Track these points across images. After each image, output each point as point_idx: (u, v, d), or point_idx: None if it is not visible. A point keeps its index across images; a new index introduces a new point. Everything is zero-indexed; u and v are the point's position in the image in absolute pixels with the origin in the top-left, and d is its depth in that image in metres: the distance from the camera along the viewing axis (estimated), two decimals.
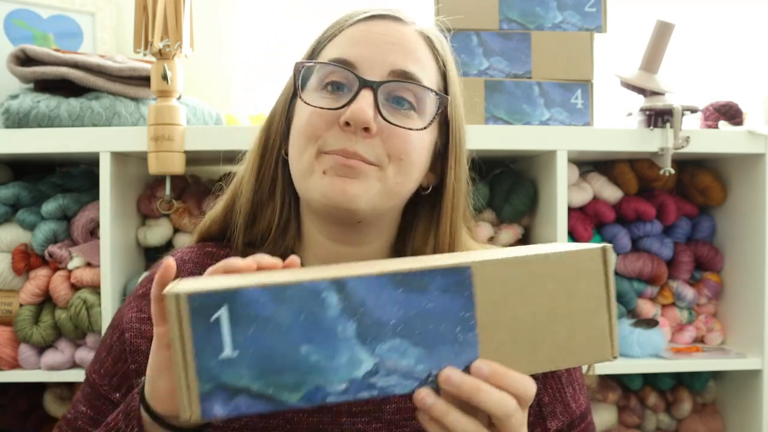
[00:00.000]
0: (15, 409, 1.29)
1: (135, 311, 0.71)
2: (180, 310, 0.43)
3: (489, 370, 0.47)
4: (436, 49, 0.69)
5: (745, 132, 1.24)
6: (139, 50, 1.12)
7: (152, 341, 0.54)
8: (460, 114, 0.70)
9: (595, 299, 0.51)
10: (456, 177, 0.69)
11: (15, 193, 1.21)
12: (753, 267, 1.28)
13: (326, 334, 0.45)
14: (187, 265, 0.72)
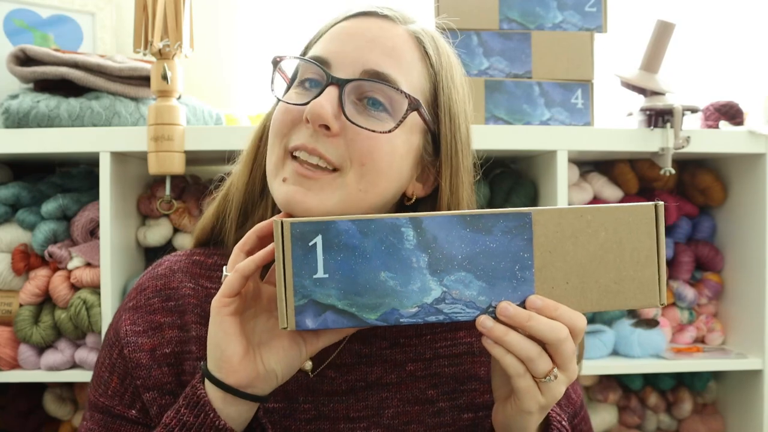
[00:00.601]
0: (15, 410, 1.28)
1: (129, 324, 0.68)
2: (284, 235, 0.51)
3: (542, 303, 0.53)
4: (427, 53, 0.64)
5: (746, 132, 1.24)
6: (139, 50, 1.12)
7: (212, 315, 0.56)
8: (456, 121, 0.66)
9: (645, 251, 0.56)
10: (452, 188, 0.65)
11: (15, 193, 1.21)
12: (753, 267, 1.28)
13: (402, 264, 0.52)
14: (176, 274, 0.71)
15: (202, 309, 0.68)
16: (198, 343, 0.66)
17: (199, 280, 0.70)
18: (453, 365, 0.67)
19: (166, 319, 0.68)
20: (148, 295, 0.70)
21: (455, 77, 0.67)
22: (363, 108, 0.61)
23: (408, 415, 0.65)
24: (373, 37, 0.62)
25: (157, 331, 0.67)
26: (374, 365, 0.66)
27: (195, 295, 0.69)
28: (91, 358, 1.17)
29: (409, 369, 0.66)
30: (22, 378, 1.18)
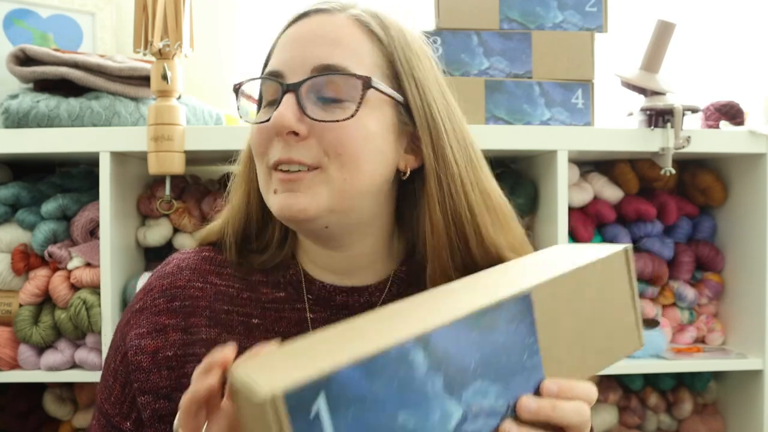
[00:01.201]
0: (15, 410, 1.28)
1: (135, 327, 0.68)
2: (278, 414, 0.37)
3: (557, 388, 0.51)
4: (373, 31, 0.64)
5: (746, 132, 1.24)
6: (139, 50, 1.12)
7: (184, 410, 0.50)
8: (423, 86, 0.64)
9: (624, 297, 0.54)
10: (439, 157, 0.63)
11: (15, 193, 1.21)
12: (754, 267, 1.27)
13: (418, 395, 0.44)
14: (184, 272, 0.70)
15: (212, 310, 0.68)
16: (205, 345, 0.66)
17: (208, 278, 0.70)
18: None
19: (170, 321, 0.67)
20: (154, 295, 0.69)
21: (412, 46, 0.66)
22: (323, 103, 0.61)
23: None
24: (315, 35, 0.62)
25: (161, 333, 0.67)
26: None
27: (203, 295, 0.68)
28: (91, 358, 1.17)
29: None
30: (21, 378, 1.18)
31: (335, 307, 0.67)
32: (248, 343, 0.66)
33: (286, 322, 0.67)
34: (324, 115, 0.60)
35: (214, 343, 0.66)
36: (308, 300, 0.68)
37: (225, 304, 0.68)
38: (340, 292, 0.67)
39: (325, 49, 0.61)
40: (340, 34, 0.62)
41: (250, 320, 0.67)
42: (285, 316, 0.68)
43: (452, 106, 0.67)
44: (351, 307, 0.67)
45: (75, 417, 1.29)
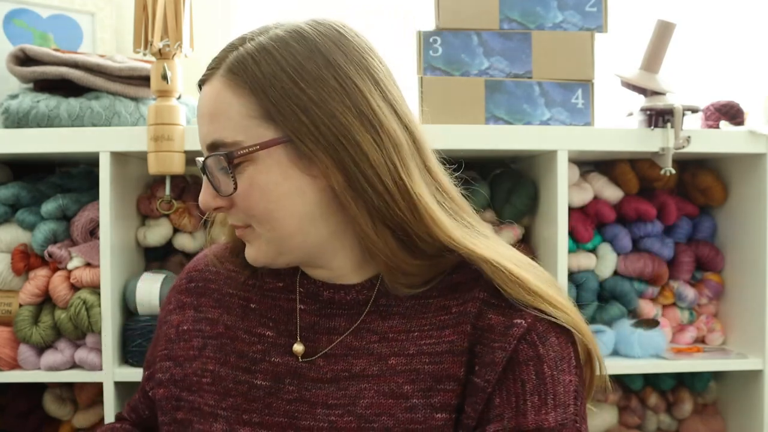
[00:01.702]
0: (15, 410, 1.28)
1: (167, 304, 0.80)
2: None
3: None
4: (241, 82, 0.62)
5: (746, 132, 1.24)
6: (139, 50, 1.12)
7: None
8: (313, 112, 0.61)
9: None
10: (349, 173, 0.61)
11: (15, 193, 1.21)
12: (754, 267, 1.27)
13: None
14: (207, 257, 0.79)
15: (219, 292, 0.75)
16: (209, 323, 0.74)
17: (225, 264, 0.77)
18: (433, 363, 0.65)
19: (187, 299, 0.77)
20: (182, 276, 0.80)
21: (295, 72, 0.61)
22: (226, 174, 0.64)
23: (381, 407, 0.65)
24: (202, 112, 0.65)
25: (181, 309, 0.77)
26: (361, 357, 0.68)
27: (216, 278, 0.76)
28: (91, 358, 1.17)
29: (391, 363, 0.67)
30: (21, 378, 1.18)
31: (323, 302, 0.70)
32: (243, 324, 0.72)
33: (278, 309, 0.72)
34: (229, 187, 0.64)
35: (216, 322, 0.73)
36: (300, 292, 0.72)
37: (231, 287, 0.75)
38: (327, 288, 0.70)
39: (208, 126, 0.64)
40: (214, 105, 0.64)
41: (248, 304, 0.73)
42: (279, 304, 0.72)
43: (367, 114, 0.62)
44: (338, 303, 0.70)
45: (75, 417, 1.29)
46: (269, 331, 0.71)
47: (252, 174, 0.62)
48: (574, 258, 1.28)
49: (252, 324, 0.72)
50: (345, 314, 0.70)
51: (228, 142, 0.62)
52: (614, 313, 1.31)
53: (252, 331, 0.72)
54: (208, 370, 0.71)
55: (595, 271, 1.31)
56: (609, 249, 1.32)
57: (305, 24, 0.67)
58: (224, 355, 0.71)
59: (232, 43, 0.66)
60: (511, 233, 1.28)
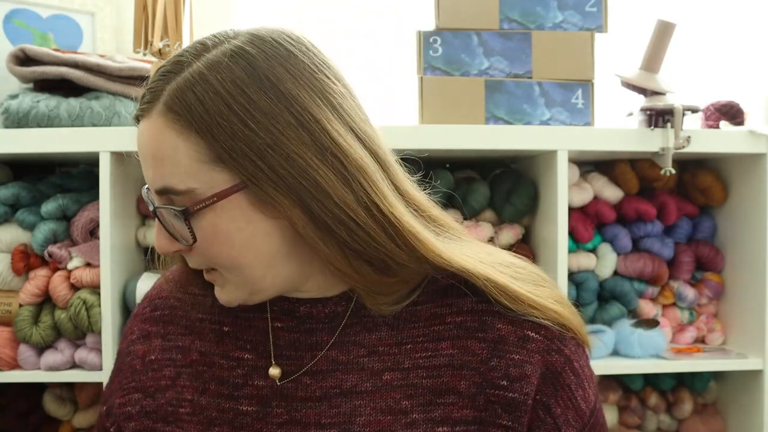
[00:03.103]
0: (15, 410, 1.28)
1: (129, 335, 0.76)
2: None
3: None
4: (184, 121, 0.56)
5: (746, 132, 1.24)
6: (139, 50, 1.12)
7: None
8: (256, 156, 0.56)
9: None
10: (305, 220, 0.57)
11: (15, 193, 1.21)
12: (754, 267, 1.27)
13: None
14: (168, 284, 0.74)
15: (187, 318, 0.72)
16: (181, 351, 0.70)
17: (188, 288, 0.72)
18: (431, 377, 0.64)
19: (153, 328, 0.73)
20: (144, 304, 0.76)
21: (238, 112, 0.55)
22: (181, 221, 0.59)
23: (379, 424, 0.63)
24: (143, 153, 0.59)
25: (146, 338, 0.73)
26: (350, 373, 0.65)
27: (181, 305, 0.72)
28: (91, 358, 1.17)
29: (386, 378, 0.64)
30: (21, 378, 1.18)
31: (300, 318, 0.67)
32: (217, 349, 0.69)
33: (254, 330, 0.69)
34: (188, 237, 0.59)
35: (188, 349, 0.70)
36: (273, 311, 0.68)
37: (199, 312, 0.71)
38: (303, 303, 0.67)
39: (154, 171, 0.58)
40: (157, 148, 0.57)
41: (221, 328, 0.70)
42: (254, 325, 0.69)
43: (329, 146, 0.57)
44: (316, 318, 0.67)
45: (75, 417, 1.29)
46: (247, 353, 0.67)
47: (212, 221, 0.58)
48: (574, 258, 1.28)
49: (228, 348, 0.68)
50: (325, 328, 0.66)
51: (180, 189, 0.57)
52: (614, 313, 1.31)
53: (229, 355, 0.68)
54: (186, 400, 0.67)
55: (595, 271, 1.31)
56: (609, 249, 1.32)
57: (248, 42, 0.58)
58: (202, 383, 0.68)
59: (167, 69, 0.58)
60: (511, 233, 1.28)
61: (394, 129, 1.14)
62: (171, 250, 0.62)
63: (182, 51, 0.59)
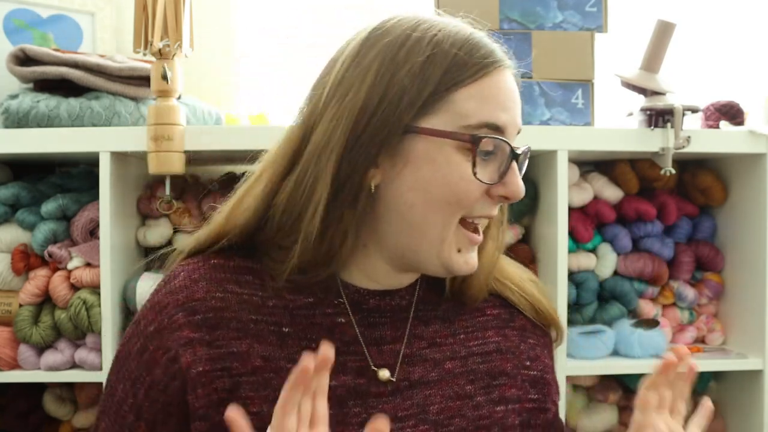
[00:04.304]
0: (15, 410, 1.28)
1: (162, 353, 0.66)
2: None
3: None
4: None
5: (746, 132, 1.24)
6: (139, 50, 1.12)
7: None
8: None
9: None
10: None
11: (15, 193, 1.21)
12: (754, 267, 1.27)
13: None
14: (199, 283, 0.66)
15: (239, 320, 0.65)
16: (238, 358, 0.63)
17: (226, 286, 0.66)
18: (486, 362, 0.72)
19: (194, 334, 0.64)
20: (170, 312, 0.65)
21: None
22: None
23: (450, 410, 0.68)
24: (516, 97, 0.65)
25: (188, 347, 0.63)
26: (415, 365, 0.68)
27: (227, 305, 0.65)
28: (91, 358, 1.17)
29: (447, 367, 0.69)
30: (21, 378, 1.18)
31: (366, 311, 0.68)
32: (282, 352, 0.64)
33: (317, 328, 0.66)
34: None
35: (248, 355, 0.63)
36: (338, 304, 0.67)
37: (251, 313, 0.65)
38: (373, 296, 0.68)
39: (519, 113, 0.66)
40: (518, 98, 0.66)
41: (280, 329, 0.65)
42: (316, 321, 0.66)
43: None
44: (382, 311, 0.69)
45: (75, 417, 1.29)
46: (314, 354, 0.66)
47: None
48: (574, 258, 1.28)
49: (293, 350, 0.64)
50: (387, 322, 0.69)
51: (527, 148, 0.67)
52: (614, 313, 1.31)
53: (295, 358, 0.61)
54: (252, 413, 0.60)
55: (595, 271, 1.31)
56: (609, 249, 1.32)
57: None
58: (271, 391, 0.62)
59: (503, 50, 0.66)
60: (511, 233, 1.28)
61: None
62: (522, 197, 0.65)
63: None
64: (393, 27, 0.65)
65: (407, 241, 0.64)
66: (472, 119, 0.62)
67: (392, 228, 0.64)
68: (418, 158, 0.62)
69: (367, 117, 0.61)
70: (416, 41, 0.62)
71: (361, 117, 0.61)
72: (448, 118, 0.62)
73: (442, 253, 0.64)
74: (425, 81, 0.61)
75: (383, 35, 0.64)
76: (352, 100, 0.62)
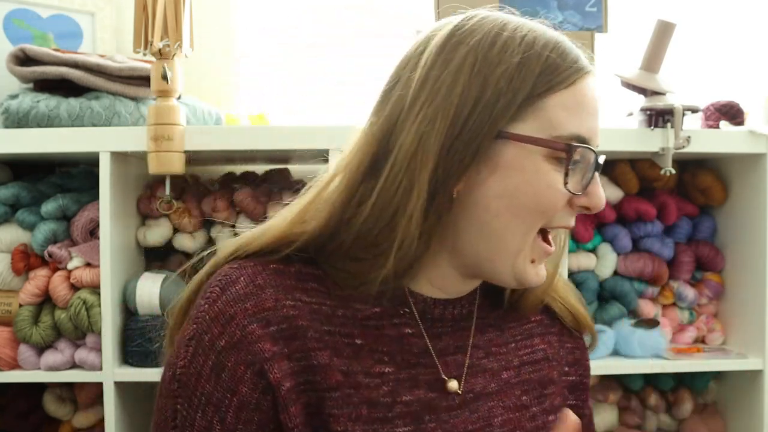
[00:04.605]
0: (15, 410, 1.28)
1: (244, 367, 0.58)
2: None
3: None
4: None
5: (746, 132, 1.24)
6: (139, 50, 1.12)
7: None
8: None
9: None
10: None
11: (15, 193, 1.21)
12: (754, 267, 1.27)
13: None
14: (266, 290, 0.59)
15: (314, 330, 0.59)
16: (321, 371, 0.58)
17: (294, 294, 0.60)
18: (536, 371, 0.70)
19: (275, 347, 0.57)
20: (242, 323, 0.57)
21: None
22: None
23: (512, 423, 0.66)
24: (597, 106, 0.64)
25: (273, 362, 0.57)
26: (476, 375, 0.66)
27: (299, 314, 0.59)
28: (91, 358, 1.17)
29: (504, 377, 0.68)
30: (21, 378, 1.18)
31: (431, 320, 0.65)
32: (357, 366, 0.60)
33: (387, 339, 0.62)
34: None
35: (329, 369, 0.59)
36: (404, 314, 0.64)
37: (324, 324, 0.60)
38: (438, 305, 0.65)
39: (597, 122, 0.65)
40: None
41: (353, 340, 0.61)
42: (385, 332, 0.63)
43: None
44: (445, 320, 0.66)
45: (75, 417, 1.29)
46: (387, 367, 0.61)
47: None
48: (574, 258, 1.28)
49: (367, 363, 0.60)
50: (449, 332, 0.66)
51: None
52: (614, 313, 1.31)
53: (371, 371, 0.60)
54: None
55: (595, 271, 1.31)
56: (609, 249, 1.32)
57: None
58: (353, 408, 0.58)
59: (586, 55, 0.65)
60: None
61: None
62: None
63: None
64: (479, 25, 0.61)
65: (484, 250, 0.61)
66: (563, 129, 0.60)
67: (470, 236, 0.61)
68: (507, 165, 0.59)
69: (462, 120, 0.57)
70: (508, 41, 0.59)
71: (456, 120, 0.57)
72: (538, 125, 0.59)
73: (517, 263, 0.61)
74: (520, 84, 0.58)
75: (470, 33, 0.60)
76: (445, 101, 0.57)
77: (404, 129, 0.59)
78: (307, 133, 1.15)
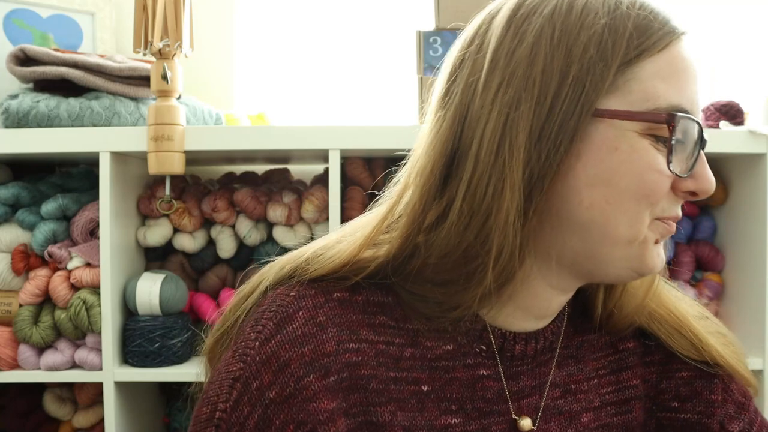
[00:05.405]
0: (15, 410, 1.28)
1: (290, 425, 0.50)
2: None
3: None
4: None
5: (746, 132, 1.23)
6: (139, 50, 1.12)
7: None
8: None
9: None
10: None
11: (15, 193, 1.21)
12: (754, 267, 1.27)
13: None
14: (328, 330, 0.51)
15: (378, 380, 0.52)
16: (381, 430, 0.51)
17: (360, 333, 0.52)
18: (621, 413, 0.60)
19: (332, 404, 0.50)
20: (297, 373, 0.49)
21: None
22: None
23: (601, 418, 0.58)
24: (696, 73, 0.52)
25: (329, 424, 0.49)
26: (551, 420, 0.57)
27: (363, 360, 0.52)
28: (91, 358, 1.17)
29: (584, 421, 0.58)
30: (21, 378, 1.18)
31: (510, 359, 0.56)
32: (422, 419, 0.52)
33: (458, 383, 0.54)
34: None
35: (390, 426, 0.51)
36: (479, 352, 0.55)
37: (390, 369, 0.52)
38: (519, 340, 0.56)
39: (697, 87, 0.52)
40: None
41: (419, 387, 0.53)
42: (456, 376, 0.54)
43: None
44: (526, 357, 0.57)
45: (75, 417, 1.29)
46: (454, 417, 0.53)
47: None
48: None
49: (432, 414, 0.53)
50: (527, 370, 0.57)
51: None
52: None
53: (434, 424, 0.53)
54: None
55: None
56: None
57: None
58: None
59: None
60: None
61: (394, 129, 1.14)
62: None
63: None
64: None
65: (582, 247, 0.51)
66: (661, 100, 0.49)
67: (561, 235, 0.52)
68: (598, 147, 0.49)
69: (551, 100, 0.48)
70: (588, 3, 0.50)
71: (542, 100, 0.48)
72: (632, 98, 0.49)
73: (631, 249, 0.51)
74: (612, 50, 0.48)
75: (541, 1, 0.51)
76: (526, 81, 0.48)
77: (481, 117, 0.50)
78: (307, 133, 1.15)
